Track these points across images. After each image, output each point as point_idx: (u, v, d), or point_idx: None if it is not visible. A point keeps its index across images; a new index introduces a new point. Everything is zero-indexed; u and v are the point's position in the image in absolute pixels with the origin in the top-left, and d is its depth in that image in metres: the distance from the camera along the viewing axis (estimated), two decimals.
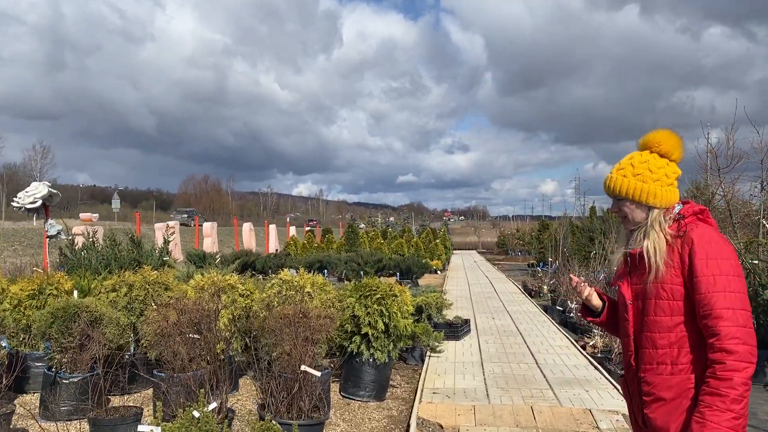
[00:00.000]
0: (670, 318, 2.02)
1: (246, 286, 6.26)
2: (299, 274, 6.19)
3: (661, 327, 2.03)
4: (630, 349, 2.16)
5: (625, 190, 2.14)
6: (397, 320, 5.83)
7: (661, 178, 2.13)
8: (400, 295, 6.02)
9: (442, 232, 32.90)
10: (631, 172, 2.16)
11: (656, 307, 2.04)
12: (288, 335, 5.12)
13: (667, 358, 2.02)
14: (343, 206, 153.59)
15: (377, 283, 6.03)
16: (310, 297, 5.91)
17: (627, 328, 2.16)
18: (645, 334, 2.08)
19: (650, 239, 2.08)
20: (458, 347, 8.02)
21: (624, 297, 2.18)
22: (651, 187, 2.12)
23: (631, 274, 2.19)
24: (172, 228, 17.04)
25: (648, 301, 2.07)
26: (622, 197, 2.17)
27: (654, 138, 2.18)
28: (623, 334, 2.21)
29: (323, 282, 6.14)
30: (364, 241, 24.67)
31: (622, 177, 2.16)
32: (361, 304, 5.85)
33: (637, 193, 2.13)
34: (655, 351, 2.05)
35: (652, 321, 2.06)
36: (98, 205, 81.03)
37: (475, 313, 11.19)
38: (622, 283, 2.21)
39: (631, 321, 2.15)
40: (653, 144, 2.17)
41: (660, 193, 2.12)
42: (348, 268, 14.55)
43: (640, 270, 2.11)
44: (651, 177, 2.13)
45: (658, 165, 2.14)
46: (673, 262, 2.02)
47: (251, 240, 22.87)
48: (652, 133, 2.21)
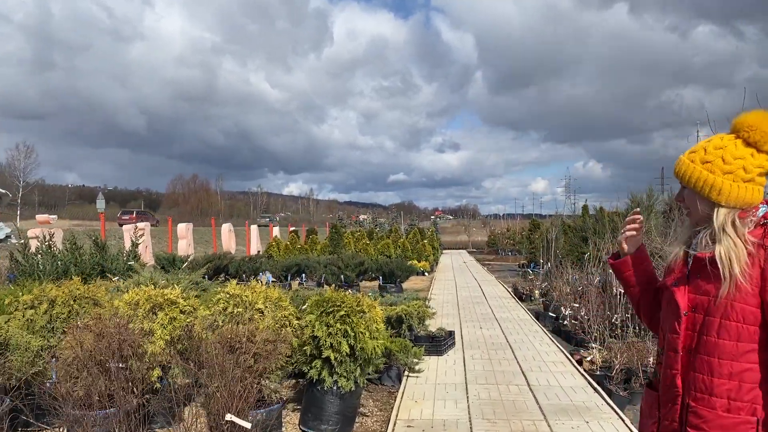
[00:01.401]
0: (736, 344, 1.70)
1: (189, 302, 5.36)
2: (249, 286, 5.29)
3: (723, 352, 1.71)
4: (675, 366, 1.82)
5: (688, 176, 1.81)
6: (364, 341, 4.95)
7: (736, 171, 1.75)
8: (369, 311, 5.14)
9: (431, 231, 32.04)
10: (701, 157, 1.81)
11: (720, 328, 1.71)
12: (229, 364, 4.24)
13: (724, 390, 1.70)
14: (334, 205, 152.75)
15: (342, 297, 5.15)
16: (262, 315, 5.01)
17: (675, 341, 1.82)
18: (701, 356, 1.75)
19: (724, 245, 1.72)
20: (441, 364, 7.15)
21: (678, 305, 1.82)
22: (717, 180, 1.75)
23: (690, 279, 1.83)
24: (141, 230, 16.08)
25: (711, 318, 1.74)
26: (685, 184, 1.84)
27: (746, 121, 1.78)
28: (669, 347, 1.86)
29: (279, 297, 5.25)
30: (349, 242, 23.77)
31: (689, 161, 1.83)
32: (322, 323, 4.96)
33: (699, 183, 1.79)
34: (711, 380, 1.72)
35: (713, 343, 1.73)
36: (86, 205, 79.75)
37: (462, 322, 10.33)
38: (678, 289, 1.84)
39: (682, 335, 1.81)
40: (743, 128, 1.77)
41: (727, 189, 1.74)
42: (328, 271, 13.65)
43: (704, 278, 1.77)
44: (722, 168, 1.76)
45: (738, 155, 1.76)
46: (752, 279, 1.67)
47: (231, 241, 21.92)
48: (747, 114, 1.80)
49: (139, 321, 5.07)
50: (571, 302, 11.07)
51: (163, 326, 5.07)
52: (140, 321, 5.06)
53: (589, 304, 9.57)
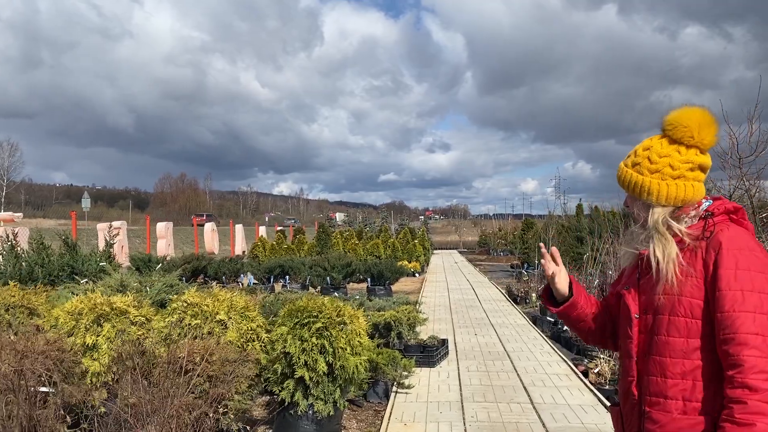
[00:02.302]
0: (686, 341, 1.62)
1: (142, 311, 4.62)
2: (212, 293, 4.56)
3: (674, 351, 1.63)
4: (632, 373, 1.74)
5: (624, 181, 1.80)
6: (344, 358, 4.23)
7: (662, 169, 1.73)
8: (351, 323, 4.42)
9: (421, 231, 31.32)
10: (631, 161, 1.81)
11: (669, 325, 1.64)
12: (178, 389, 3.52)
13: (678, 391, 1.62)
14: (324, 205, 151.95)
15: (319, 305, 4.42)
16: (224, 327, 4.28)
17: (629, 347, 1.75)
18: (653, 357, 1.67)
19: (654, 243, 1.69)
20: (433, 378, 6.45)
21: (629, 309, 1.76)
22: (646, 181, 1.74)
23: (640, 281, 1.77)
24: (116, 229, 15.27)
25: (660, 317, 1.67)
26: (625, 190, 1.83)
27: (668, 120, 1.75)
28: (624, 353, 1.78)
29: (245, 306, 4.51)
30: (338, 241, 23.03)
31: (624, 166, 1.83)
32: (295, 337, 4.24)
33: (632, 186, 1.78)
34: (665, 381, 1.64)
35: (663, 342, 1.65)
36: (74, 204, 78.67)
37: (455, 328, 9.64)
38: (628, 292, 1.79)
39: (635, 339, 1.73)
40: (665, 126, 1.76)
41: (656, 188, 1.72)
42: (313, 273, 12.91)
43: (651, 278, 1.70)
44: (648, 168, 1.75)
45: (663, 152, 1.74)
46: (696, 271, 1.62)
47: (214, 241, 21.11)
48: (672, 112, 1.75)
49: (81, 334, 4.34)
50: None
51: (109, 340, 4.34)
52: (82, 334, 4.32)
53: None
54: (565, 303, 1.95)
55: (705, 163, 1.74)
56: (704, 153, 1.74)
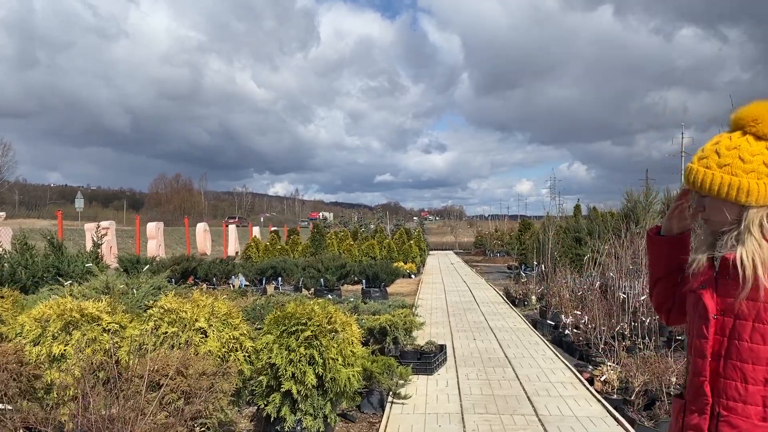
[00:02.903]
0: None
1: (117, 317, 4.25)
2: (192, 298, 4.20)
3: (757, 357, 1.59)
4: (704, 373, 1.68)
5: (708, 183, 1.66)
6: (336, 370, 3.87)
7: (758, 168, 1.63)
8: (343, 331, 4.07)
9: (417, 232, 30.97)
10: (715, 161, 1.67)
11: (754, 332, 1.60)
12: (153, 404, 3.16)
13: (759, 398, 1.58)
14: (320, 206, 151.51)
15: (309, 311, 4.07)
16: (204, 336, 3.92)
17: (703, 346, 1.68)
18: (732, 362, 1.63)
19: (747, 246, 1.61)
20: (431, 387, 6.10)
21: (706, 308, 1.68)
22: (744, 182, 1.63)
23: (718, 282, 1.69)
24: (104, 229, 14.86)
25: (742, 322, 1.62)
26: (705, 194, 1.69)
27: (749, 114, 1.65)
28: (697, 352, 1.71)
29: (228, 312, 4.15)
30: (332, 242, 22.66)
31: (705, 168, 1.68)
32: (281, 347, 3.88)
33: (723, 188, 1.64)
34: (745, 387, 1.60)
35: (746, 348, 1.60)
36: (68, 204, 78.11)
37: (453, 332, 9.29)
38: (706, 292, 1.70)
39: (710, 339, 1.67)
40: (747, 122, 1.65)
41: (756, 189, 1.62)
42: (306, 275, 12.54)
43: (733, 280, 1.63)
44: (743, 168, 1.63)
45: (754, 151, 1.64)
46: None
47: (206, 242, 20.71)
48: (747, 107, 1.67)
49: (47, 343, 3.97)
50: (572, 309, 10.12)
51: (79, 350, 3.98)
52: (49, 343, 3.95)
53: (593, 311, 8.63)
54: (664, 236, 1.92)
55: None
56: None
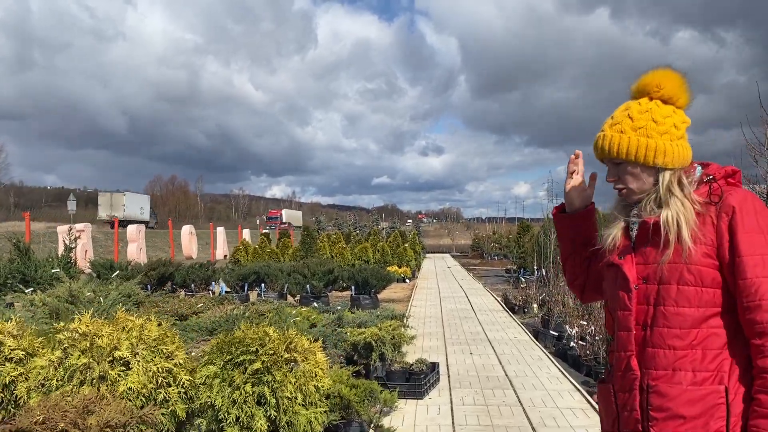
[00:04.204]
0: (696, 310, 1.56)
1: (23, 342, 3.41)
2: (115, 319, 3.37)
3: (683, 321, 1.56)
4: (629, 348, 1.63)
5: (626, 149, 1.65)
6: (293, 411, 3.05)
7: (670, 129, 1.64)
8: (305, 360, 3.24)
9: (413, 234, 30.12)
10: (630, 125, 1.66)
11: (679, 295, 1.57)
12: None
13: (688, 362, 1.56)
14: (317, 208, 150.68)
15: (261, 336, 3.24)
16: (126, 368, 3.09)
17: (627, 319, 1.64)
18: (657, 329, 1.59)
19: (672, 208, 1.60)
20: (420, 415, 5.27)
21: (627, 279, 1.64)
22: (659, 143, 1.63)
23: (636, 249, 1.67)
24: (78, 231, 14.01)
25: (666, 286, 1.58)
26: (621, 160, 1.66)
27: (652, 80, 1.68)
28: (620, 326, 1.66)
29: (160, 336, 3.31)
30: (324, 245, 21.83)
31: (619, 133, 1.66)
32: (224, 382, 3.05)
33: (641, 151, 1.64)
34: (673, 352, 1.57)
35: (671, 313, 1.57)
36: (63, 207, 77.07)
37: (447, 344, 8.47)
38: (625, 261, 1.66)
39: (633, 310, 1.63)
40: (651, 88, 1.67)
41: (670, 150, 1.63)
42: (291, 281, 11.71)
43: (654, 245, 1.62)
44: (657, 129, 1.64)
45: (664, 114, 1.65)
46: (705, 237, 1.57)
47: (191, 245, 19.86)
48: (648, 74, 1.70)
49: None
50: (577, 319, 9.31)
51: None
52: None
53: (600, 321, 7.84)
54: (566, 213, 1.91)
55: (689, 123, 1.69)
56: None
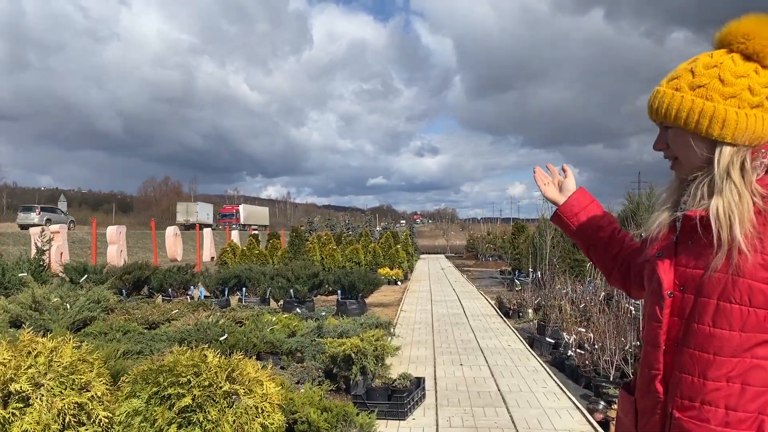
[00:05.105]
0: (739, 334, 1.22)
1: None
2: (17, 341, 2.77)
3: (720, 347, 1.24)
4: (656, 366, 1.34)
5: (675, 110, 1.30)
6: None
7: (740, 93, 1.25)
8: (250, 394, 2.66)
9: (405, 235, 29.54)
10: (687, 82, 1.31)
11: (717, 312, 1.24)
12: None
13: (720, 397, 1.24)
14: (312, 209, 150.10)
15: (196, 362, 2.66)
16: (23, 405, 2.50)
17: (656, 332, 1.34)
18: (688, 350, 1.28)
19: (725, 198, 1.25)
20: None
21: (660, 283, 1.33)
22: (720, 108, 1.26)
23: (678, 249, 1.34)
24: (53, 233, 13.38)
25: (704, 299, 1.26)
26: (669, 123, 1.33)
27: (738, 29, 1.29)
28: (648, 339, 1.37)
29: (75, 361, 2.71)
30: (314, 247, 21.23)
31: (674, 90, 1.32)
32: (146, 422, 2.47)
33: (693, 115, 1.28)
34: (703, 383, 1.26)
35: (706, 333, 1.26)
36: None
37: (436, 354, 7.89)
38: (662, 261, 1.35)
39: (665, 322, 1.32)
40: (736, 39, 1.28)
41: (733, 118, 1.24)
42: (274, 285, 11.12)
43: (698, 246, 1.29)
44: (721, 91, 1.26)
45: (739, 71, 1.26)
46: (763, 244, 1.20)
47: (176, 247, 19.23)
48: (738, 20, 1.29)
49: None
50: (575, 325, 8.77)
51: None
52: None
53: (599, 328, 7.29)
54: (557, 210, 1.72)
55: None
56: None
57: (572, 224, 1.70)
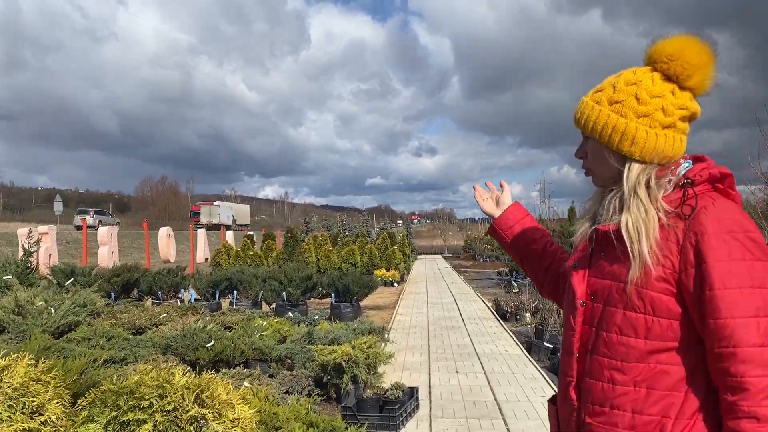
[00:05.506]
0: (644, 342, 1.27)
1: None
2: None
3: (626, 353, 1.29)
4: (570, 373, 1.39)
5: (592, 122, 1.36)
6: None
7: (653, 113, 1.30)
8: (219, 419, 2.42)
9: (402, 236, 29.29)
10: (608, 96, 1.36)
11: (624, 321, 1.29)
12: None
13: (627, 401, 1.29)
14: (310, 209, 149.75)
15: (161, 382, 2.42)
16: None
17: (570, 340, 1.39)
18: (597, 357, 1.33)
19: (633, 213, 1.29)
20: None
21: (574, 293, 1.39)
22: (630, 125, 1.31)
23: (593, 260, 1.40)
24: (42, 234, 13.12)
25: (611, 309, 1.31)
26: (588, 134, 1.39)
27: (663, 49, 1.31)
28: (564, 347, 1.43)
29: (25, 383, 2.46)
30: (309, 248, 21.00)
31: (594, 103, 1.38)
32: None
33: (607, 130, 1.33)
34: (612, 388, 1.31)
35: (614, 341, 1.30)
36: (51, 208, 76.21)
37: (431, 361, 7.66)
38: (576, 272, 1.40)
39: (578, 331, 1.37)
40: (660, 58, 1.32)
41: (643, 137, 1.30)
42: (266, 287, 10.88)
43: (610, 257, 1.34)
44: (635, 109, 1.32)
45: (655, 91, 1.31)
46: (664, 257, 1.25)
47: (169, 248, 18.97)
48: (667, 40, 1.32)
49: None
50: None
51: None
52: None
53: None
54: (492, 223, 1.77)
55: (697, 112, 1.34)
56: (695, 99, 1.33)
57: (507, 236, 1.75)
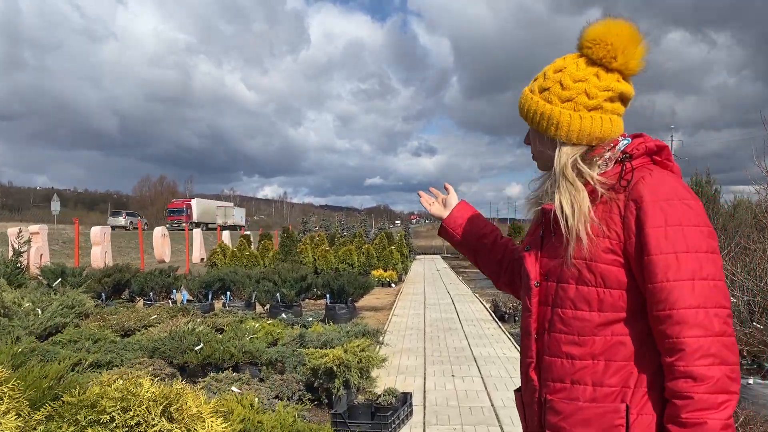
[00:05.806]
0: (598, 314, 1.30)
1: None
2: None
3: (582, 327, 1.31)
4: (529, 354, 1.42)
5: (526, 110, 1.42)
6: None
7: (576, 97, 1.35)
8: (190, 428, 2.23)
9: (400, 236, 29.08)
10: (539, 85, 1.42)
11: (577, 296, 1.32)
12: None
13: (587, 374, 1.30)
14: (309, 209, 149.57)
15: (125, 394, 2.22)
16: None
17: (527, 321, 1.42)
18: (554, 335, 1.35)
19: (562, 192, 1.34)
20: None
21: (528, 275, 1.43)
22: (555, 110, 1.36)
23: (544, 241, 1.44)
24: (32, 234, 12.92)
25: (564, 285, 1.34)
26: (526, 121, 1.45)
27: (588, 34, 1.36)
28: (523, 329, 1.46)
29: None
30: (306, 248, 20.80)
31: (528, 92, 1.44)
32: None
33: (536, 117, 1.39)
34: (571, 362, 1.32)
35: (569, 317, 1.33)
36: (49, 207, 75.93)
37: (427, 364, 7.46)
38: (529, 254, 1.45)
39: (534, 312, 1.40)
40: (584, 44, 1.37)
41: (566, 121, 1.35)
42: (260, 288, 10.68)
43: (558, 236, 1.36)
44: (560, 95, 1.36)
45: (578, 76, 1.35)
46: (609, 230, 1.29)
47: (164, 248, 18.76)
48: (594, 26, 1.37)
49: None
50: None
51: None
52: None
53: None
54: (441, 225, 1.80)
55: (627, 92, 1.36)
56: (627, 80, 1.37)
57: (457, 234, 1.77)
